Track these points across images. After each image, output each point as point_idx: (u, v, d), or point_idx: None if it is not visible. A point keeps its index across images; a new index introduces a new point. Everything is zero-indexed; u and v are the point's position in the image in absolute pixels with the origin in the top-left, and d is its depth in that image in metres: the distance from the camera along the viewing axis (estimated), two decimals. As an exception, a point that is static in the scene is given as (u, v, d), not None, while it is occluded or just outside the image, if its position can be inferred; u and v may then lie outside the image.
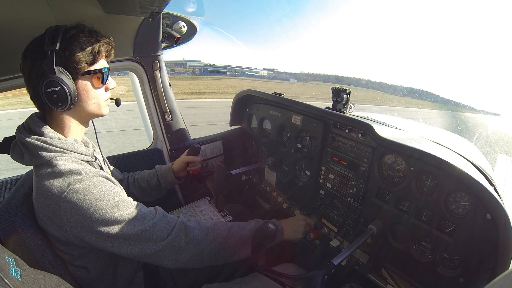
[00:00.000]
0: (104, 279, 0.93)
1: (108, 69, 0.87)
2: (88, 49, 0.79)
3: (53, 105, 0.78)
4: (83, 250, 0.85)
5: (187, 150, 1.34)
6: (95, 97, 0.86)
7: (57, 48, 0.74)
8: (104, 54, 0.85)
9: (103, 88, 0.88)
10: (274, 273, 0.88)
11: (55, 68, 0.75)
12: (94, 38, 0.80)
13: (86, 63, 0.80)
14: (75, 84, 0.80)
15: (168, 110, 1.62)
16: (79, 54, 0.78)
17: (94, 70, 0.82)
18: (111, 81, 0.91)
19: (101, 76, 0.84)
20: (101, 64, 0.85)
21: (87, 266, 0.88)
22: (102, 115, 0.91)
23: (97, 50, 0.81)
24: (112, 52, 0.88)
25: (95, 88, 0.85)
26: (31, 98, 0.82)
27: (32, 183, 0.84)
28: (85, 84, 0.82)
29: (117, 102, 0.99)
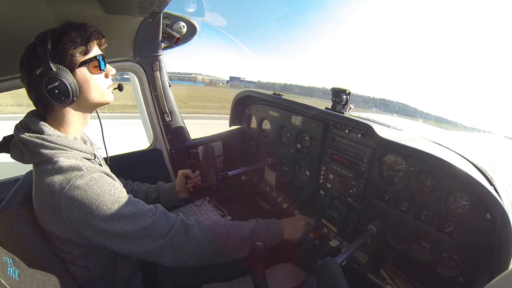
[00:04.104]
0: (104, 278, 0.93)
1: (103, 56, 0.88)
2: (79, 40, 0.81)
3: (57, 101, 0.79)
4: (83, 249, 0.85)
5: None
6: (97, 85, 0.87)
7: (49, 47, 0.76)
8: (96, 42, 0.87)
9: (102, 75, 0.89)
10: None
11: (51, 65, 0.76)
12: (82, 29, 0.83)
13: (80, 53, 0.82)
14: (74, 77, 0.81)
15: (167, 111, 1.63)
16: (71, 47, 0.80)
17: (89, 59, 0.84)
18: (110, 68, 0.92)
19: (97, 63, 0.86)
20: (95, 52, 0.86)
21: (87, 266, 0.88)
22: (107, 103, 0.92)
23: (87, 39, 0.83)
24: (104, 40, 0.90)
25: (94, 75, 0.86)
26: (35, 104, 0.84)
27: (31, 183, 0.84)
28: (83, 74, 0.84)
29: (120, 88, 1.01)
